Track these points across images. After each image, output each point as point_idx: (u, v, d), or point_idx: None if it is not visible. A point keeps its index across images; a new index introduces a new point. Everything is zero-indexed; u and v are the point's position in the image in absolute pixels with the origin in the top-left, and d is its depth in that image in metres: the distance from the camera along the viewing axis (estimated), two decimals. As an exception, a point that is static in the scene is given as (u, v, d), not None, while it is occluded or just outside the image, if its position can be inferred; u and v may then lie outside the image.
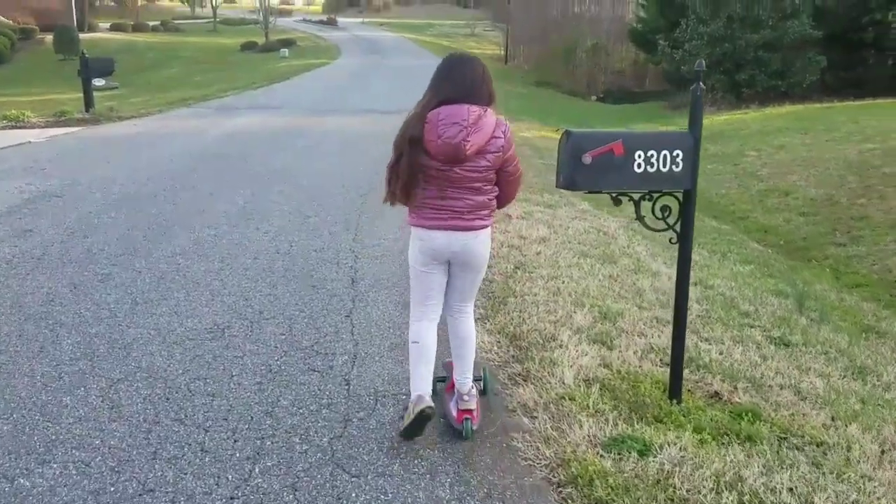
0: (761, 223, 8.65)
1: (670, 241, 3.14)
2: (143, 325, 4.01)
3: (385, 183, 2.95)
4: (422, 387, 2.85)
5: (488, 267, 5.30)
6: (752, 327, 4.48)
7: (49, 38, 43.41)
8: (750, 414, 3.05)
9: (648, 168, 2.89)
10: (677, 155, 2.93)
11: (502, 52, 49.75)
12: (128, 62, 45.67)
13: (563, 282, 4.84)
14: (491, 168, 2.79)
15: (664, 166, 2.91)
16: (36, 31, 46.63)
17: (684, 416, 2.95)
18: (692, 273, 5.65)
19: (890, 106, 17.16)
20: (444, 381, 3.20)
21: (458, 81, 2.79)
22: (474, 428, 2.89)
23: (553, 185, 9.31)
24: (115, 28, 56.51)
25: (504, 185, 2.89)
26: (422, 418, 2.76)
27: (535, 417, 2.95)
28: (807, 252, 7.89)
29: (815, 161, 10.76)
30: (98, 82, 17.06)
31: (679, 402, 3.06)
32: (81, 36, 48.50)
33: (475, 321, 3.17)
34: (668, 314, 4.39)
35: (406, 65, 36.10)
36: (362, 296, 4.59)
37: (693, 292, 4.99)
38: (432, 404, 2.81)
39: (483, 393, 3.19)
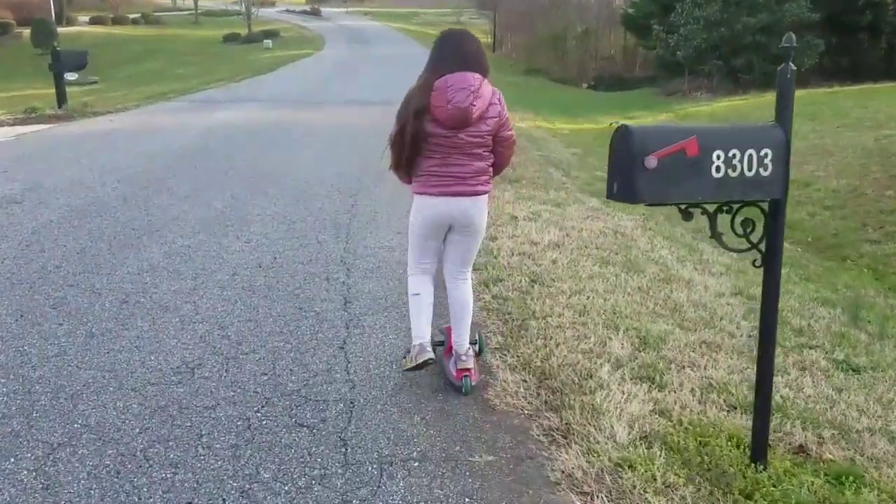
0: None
1: (753, 263, 2.49)
2: (97, 366, 3.34)
3: (390, 151, 3.07)
4: (423, 335, 3.11)
5: (500, 281, 4.70)
6: (810, 348, 3.86)
7: (27, 32, 42.28)
8: (851, 478, 2.43)
9: (730, 172, 2.25)
10: (765, 155, 2.29)
11: (489, 40, 49.02)
12: (108, 56, 44.67)
13: (588, 297, 4.20)
14: (490, 132, 2.94)
15: (749, 169, 2.27)
16: (13, 26, 45.45)
17: (775, 486, 2.33)
18: (728, 280, 5.06)
19: (893, 90, 16.62)
20: (442, 346, 3.36)
21: (458, 53, 2.93)
22: (473, 384, 3.09)
23: (558, 181, 8.66)
24: (94, 21, 55.32)
25: (500, 148, 3.05)
26: (423, 365, 3.06)
27: (589, 495, 2.30)
28: (839, 250, 7.30)
29: (830, 149, 10.17)
30: (71, 76, 16.26)
31: (765, 467, 2.43)
32: (60, 30, 47.42)
33: (472, 288, 3.37)
34: (717, 336, 3.76)
35: (393, 54, 35.30)
36: (357, 320, 3.93)
37: (736, 306, 4.37)
38: (433, 355, 3.07)
39: (478, 354, 3.36)
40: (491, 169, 3.08)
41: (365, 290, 4.41)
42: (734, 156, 2.24)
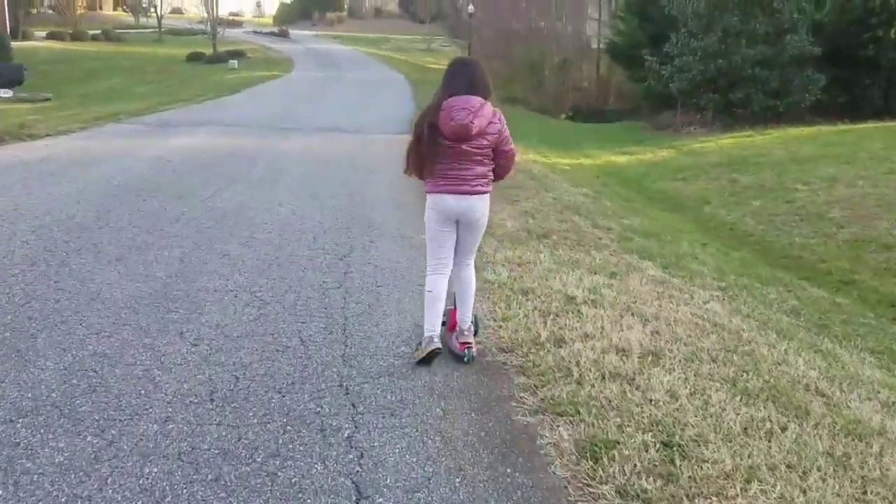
0: (881, 292, 6.56)
1: None
2: None
3: (404, 160, 3.62)
4: (433, 328, 3.59)
5: (612, 448, 2.94)
6: None
7: (-23, 46, 39.85)
8: None
9: None
10: None
11: (463, 68, 47.57)
12: (64, 72, 42.42)
13: (776, 486, 2.50)
14: (489, 146, 3.49)
15: None
16: (-38, 39, 42.90)
17: None
18: (864, 390, 3.43)
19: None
20: (444, 325, 3.79)
21: (465, 78, 3.48)
22: (474, 355, 3.64)
23: (591, 235, 7.02)
24: (52, 36, 52.91)
25: (501, 160, 3.60)
26: (432, 355, 3.53)
27: None
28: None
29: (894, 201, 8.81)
30: (5, 93, 14.25)
31: None
32: (15, 44, 45.01)
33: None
34: None
35: (365, 78, 33.74)
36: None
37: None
38: (441, 346, 3.57)
39: (475, 333, 3.80)
40: (491, 174, 3.59)
41: (387, 459, 2.65)
42: None
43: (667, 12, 21.52)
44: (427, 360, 3.53)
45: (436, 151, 3.45)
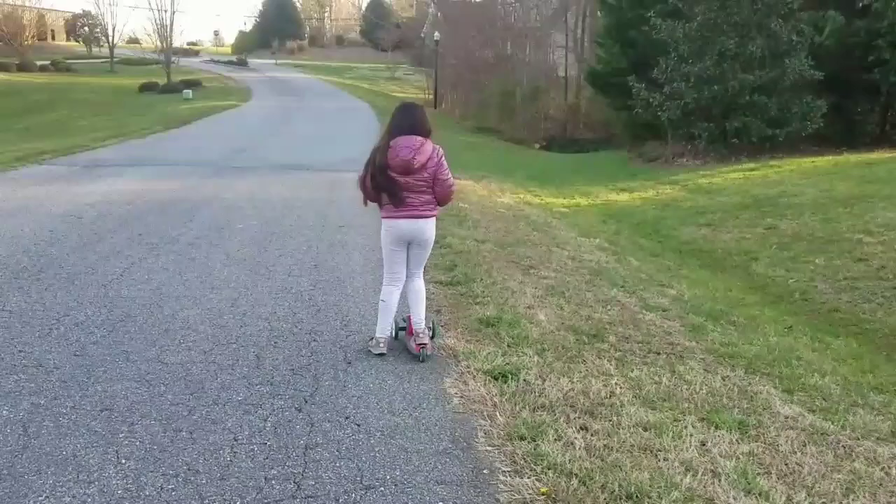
0: None
1: None
2: None
3: (361, 191, 4.10)
4: (384, 332, 4.12)
5: None
6: None
7: None
8: None
9: None
10: None
11: (428, 97, 46.49)
12: (7, 104, 39.83)
13: None
14: (430, 178, 3.96)
15: None
16: None
17: None
18: None
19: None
20: (404, 329, 4.22)
21: (407, 121, 4.00)
22: (428, 354, 4.00)
23: (655, 326, 4.90)
24: (-4, 67, 50.05)
25: (438, 187, 4.01)
26: (379, 353, 4.02)
27: None
28: None
29: None
30: None
31: None
32: (-51, 75, 42.45)
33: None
34: None
35: (330, 108, 31.72)
36: None
37: None
38: (385, 351, 4.06)
39: (432, 337, 4.14)
40: (434, 200, 4.06)
41: None
42: None
43: (654, 36, 19.90)
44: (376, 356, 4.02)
45: (390, 182, 3.92)
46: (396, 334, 4.23)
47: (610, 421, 3.19)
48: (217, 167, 12.92)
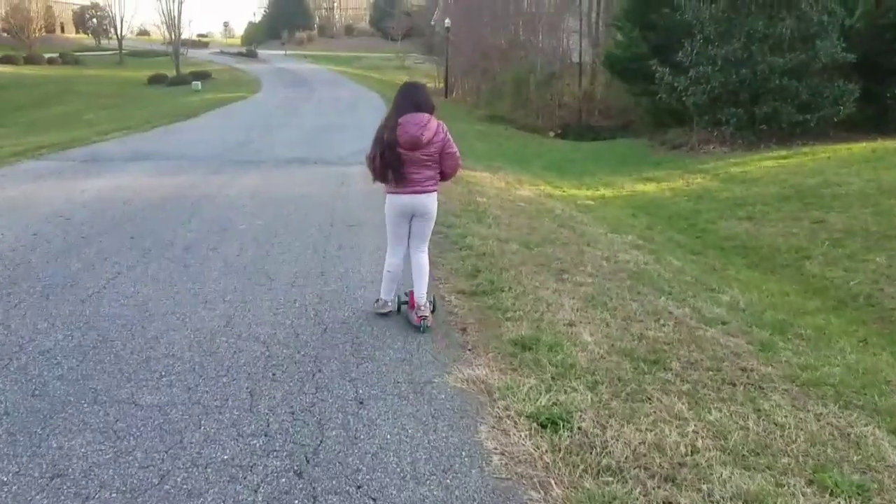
0: None
1: None
2: None
3: (370, 169, 4.28)
4: (388, 295, 4.47)
5: None
6: None
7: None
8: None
9: None
10: None
11: (439, 85, 45.74)
12: (14, 97, 39.49)
13: None
14: (436, 152, 4.20)
15: None
16: None
17: None
18: None
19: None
20: (406, 303, 4.42)
21: (413, 100, 4.22)
22: (428, 326, 4.19)
23: (719, 343, 4.20)
24: (4, 60, 49.65)
25: (447, 160, 4.27)
26: (385, 312, 4.42)
27: None
28: None
29: None
30: None
31: None
32: (-44, 69, 42.25)
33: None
34: None
35: (340, 97, 31.01)
36: None
37: None
38: (392, 308, 4.45)
39: (433, 311, 4.37)
40: (438, 176, 4.31)
41: None
42: None
43: (679, 17, 19.00)
44: (382, 314, 4.44)
45: (396, 158, 4.13)
46: (399, 308, 4.48)
47: (699, 491, 2.48)
48: (222, 161, 12.25)
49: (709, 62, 18.40)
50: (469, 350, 3.89)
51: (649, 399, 3.28)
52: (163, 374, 3.48)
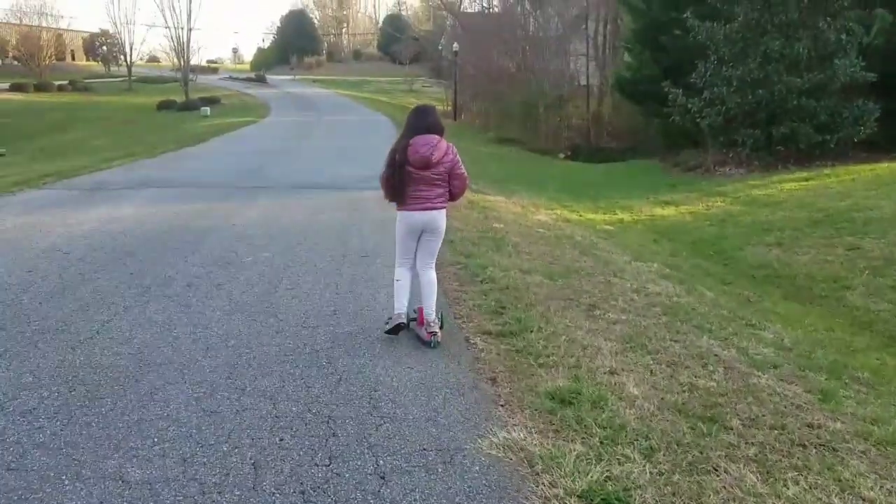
0: None
1: None
2: None
3: (383, 189, 4.52)
4: (401, 308, 4.51)
5: None
6: None
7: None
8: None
9: None
10: None
11: (447, 108, 45.64)
12: (26, 125, 39.50)
13: None
14: (445, 172, 4.40)
15: None
16: None
17: None
18: None
19: None
20: (415, 320, 4.57)
21: (424, 122, 4.43)
22: (438, 341, 4.36)
23: (777, 392, 3.71)
24: (15, 88, 49.90)
25: (456, 181, 4.47)
26: (398, 327, 4.48)
27: None
28: None
29: None
30: None
31: None
32: (-35, 97, 42.46)
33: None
34: None
35: (349, 122, 30.80)
36: None
37: None
38: (405, 321, 4.51)
39: (441, 327, 4.51)
40: (447, 194, 4.50)
41: None
42: None
43: (691, 38, 18.68)
44: (394, 331, 4.48)
45: (408, 177, 4.34)
46: (408, 324, 4.57)
47: None
48: (229, 188, 11.92)
49: (724, 83, 18.05)
50: (501, 406, 3.47)
51: (715, 470, 2.84)
52: (156, 440, 3.06)
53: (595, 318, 5.25)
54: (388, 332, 4.47)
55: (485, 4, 47.25)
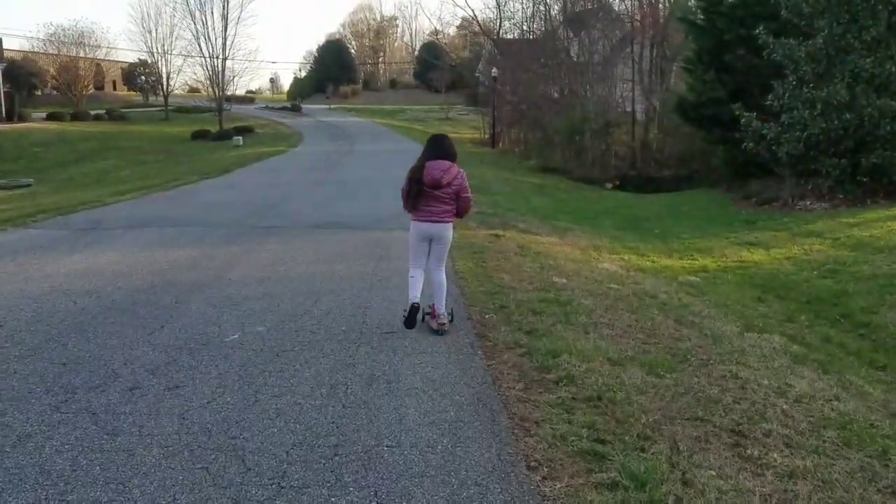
0: None
1: None
2: None
3: (402, 199, 5.20)
4: (415, 296, 5.09)
5: None
6: None
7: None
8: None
9: None
10: None
11: (484, 136, 43.94)
12: (56, 154, 38.81)
13: None
14: (453, 192, 5.10)
15: None
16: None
17: None
18: None
19: None
20: (429, 314, 5.22)
21: (438, 148, 5.19)
22: (446, 330, 5.08)
23: None
24: (51, 117, 49.68)
25: (461, 202, 5.18)
26: (413, 311, 5.06)
27: None
28: None
29: None
30: None
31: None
32: (3, 126, 42.20)
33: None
34: None
35: (382, 150, 29.18)
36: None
37: None
38: (419, 301, 5.10)
39: (451, 321, 5.21)
40: (454, 210, 5.19)
41: None
42: None
43: (767, 57, 16.59)
44: (410, 321, 5.08)
45: (421, 193, 5.06)
46: (423, 317, 5.25)
47: None
48: (238, 228, 10.19)
49: (806, 106, 15.88)
50: None
51: None
52: None
53: (749, 462, 3.28)
54: (406, 321, 5.09)
55: (525, 28, 45.55)
